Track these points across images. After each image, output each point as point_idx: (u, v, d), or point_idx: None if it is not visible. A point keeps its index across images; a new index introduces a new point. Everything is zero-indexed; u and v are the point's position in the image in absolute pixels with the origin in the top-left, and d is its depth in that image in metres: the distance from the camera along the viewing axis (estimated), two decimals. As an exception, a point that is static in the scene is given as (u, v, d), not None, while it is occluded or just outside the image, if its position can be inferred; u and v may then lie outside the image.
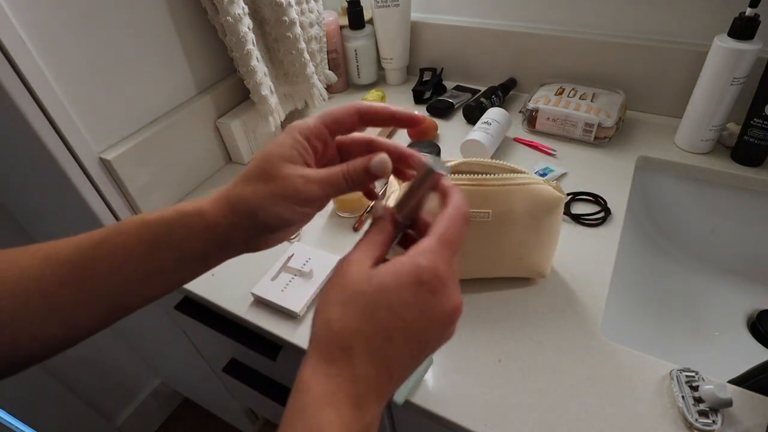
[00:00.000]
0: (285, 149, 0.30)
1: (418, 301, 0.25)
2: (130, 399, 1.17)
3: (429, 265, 0.25)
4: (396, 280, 0.25)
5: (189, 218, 0.29)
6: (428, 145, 0.69)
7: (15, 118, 0.50)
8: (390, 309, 0.25)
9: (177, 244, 0.30)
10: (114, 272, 0.29)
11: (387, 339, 0.25)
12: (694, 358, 0.55)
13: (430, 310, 0.25)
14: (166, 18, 0.61)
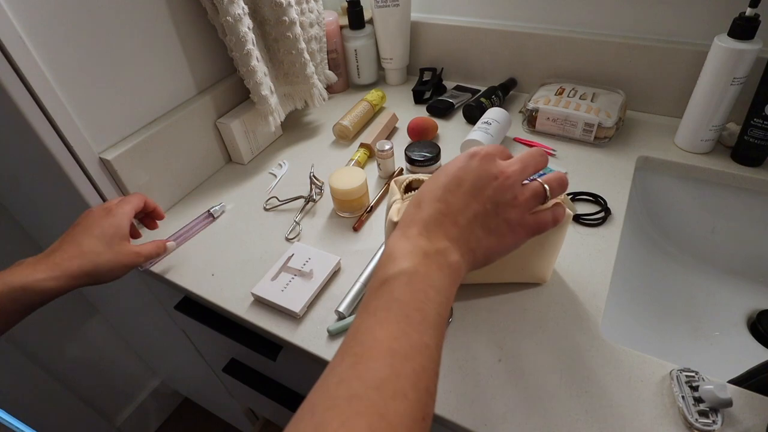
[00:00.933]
0: (121, 231, 0.49)
1: (468, 164, 0.35)
2: (130, 399, 1.17)
3: (479, 150, 0.36)
4: (453, 160, 0.37)
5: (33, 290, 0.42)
6: (428, 145, 0.69)
7: (15, 119, 0.50)
8: (445, 170, 0.36)
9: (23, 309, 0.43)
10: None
11: (447, 190, 0.35)
12: (694, 358, 0.55)
13: (480, 170, 0.35)
14: (166, 18, 0.61)
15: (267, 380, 0.70)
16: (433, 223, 0.33)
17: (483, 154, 0.36)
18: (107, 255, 0.46)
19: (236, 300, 0.53)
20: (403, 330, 0.27)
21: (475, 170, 0.35)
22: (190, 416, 1.27)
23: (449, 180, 0.35)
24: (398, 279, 0.30)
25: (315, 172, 0.67)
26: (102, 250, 0.46)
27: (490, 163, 0.35)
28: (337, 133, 0.79)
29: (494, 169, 0.35)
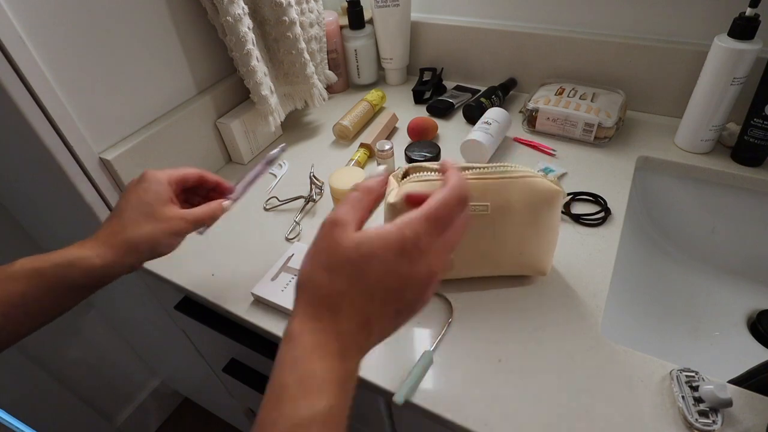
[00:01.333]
0: (162, 195, 0.42)
1: (399, 269, 0.28)
2: (130, 399, 1.17)
3: (412, 236, 0.28)
4: (383, 248, 0.28)
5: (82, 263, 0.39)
6: (428, 145, 0.69)
7: (15, 119, 0.50)
8: (374, 275, 0.28)
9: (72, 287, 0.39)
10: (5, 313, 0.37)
11: (369, 301, 0.28)
12: (694, 358, 0.55)
13: (409, 276, 0.28)
14: (166, 18, 0.61)
15: (267, 380, 0.70)
16: (350, 337, 0.28)
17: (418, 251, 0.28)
18: (148, 225, 0.40)
19: (236, 300, 0.53)
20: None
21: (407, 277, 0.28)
22: (190, 416, 1.27)
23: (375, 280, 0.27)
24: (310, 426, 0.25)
25: (315, 172, 0.67)
26: (142, 219, 0.40)
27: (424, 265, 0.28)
28: (337, 133, 0.79)
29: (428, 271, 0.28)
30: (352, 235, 0.28)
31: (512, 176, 0.45)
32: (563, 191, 0.45)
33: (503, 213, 0.45)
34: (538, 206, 0.45)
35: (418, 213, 0.28)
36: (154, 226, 0.41)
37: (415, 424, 0.52)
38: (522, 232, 0.47)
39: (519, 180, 0.45)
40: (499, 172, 0.45)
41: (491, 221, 0.46)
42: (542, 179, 0.45)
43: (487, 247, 0.47)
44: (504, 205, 0.45)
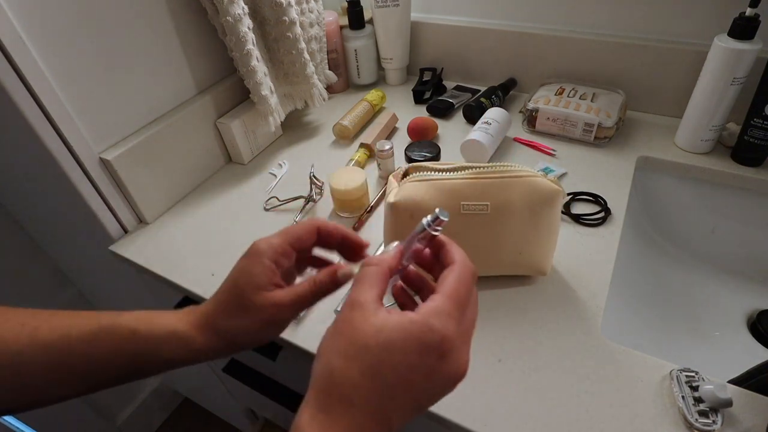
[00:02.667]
0: (255, 278, 0.33)
1: (424, 365, 0.25)
2: (130, 399, 1.17)
3: (440, 328, 0.25)
4: (404, 341, 0.25)
5: (179, 340, 0.33)
6: (428, 145, 0.69)
7: (15, 118, 0.50)
8: (394, 369, 0.25)
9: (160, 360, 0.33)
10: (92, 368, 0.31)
11: (389, 397, 0.25)
12: (694, 358, 0.55)
13: (437, 373, 0.25)
14: (166, 18, 0.61)
15: (267, 380, 0.70)
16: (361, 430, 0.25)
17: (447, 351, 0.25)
18: (239, 317, 0.33)
19: (236, 300, 0.53)
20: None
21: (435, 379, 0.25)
22: (190, 416, 1.27)
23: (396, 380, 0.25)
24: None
25: (315, 172, 0.67)
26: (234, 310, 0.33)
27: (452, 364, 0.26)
28: (337, 133, 0.79)
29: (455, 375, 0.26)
30: (372, 318, 0.25)
31: (512, 175, 0.45)
32: (563, 191, 0.45)
33: (503, 212, 0.45)
34: (538, 206, 0.45)
35: (441, 298, 0.26)
36: (247, 317, 0.33)
37: (415, 424, 0.52)
38: (522, 232, 0.47)
39: (519, 179, 0.45)
40: (498, 172, 0.45)
41: (491, 221, 0.46)
42: (542, 179, 0.45)
43: (487, 246, 0.47)
44: (504, 205, 0.45)
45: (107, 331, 0.31)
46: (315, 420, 0.25)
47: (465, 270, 0.27)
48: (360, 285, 0.28)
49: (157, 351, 0.32)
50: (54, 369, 0.30)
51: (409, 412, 0.26)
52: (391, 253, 0.30)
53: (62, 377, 0.31)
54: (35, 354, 0.30)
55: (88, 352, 0.31)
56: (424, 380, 0.25)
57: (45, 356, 0.30)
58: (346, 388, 0.25)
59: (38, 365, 0.30)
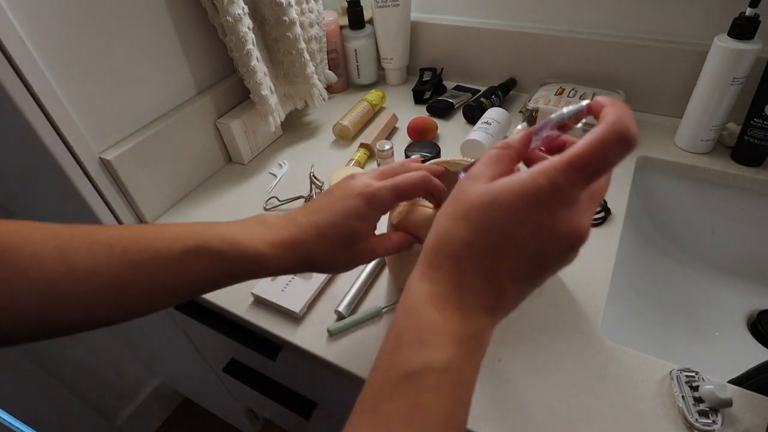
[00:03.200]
0: (367, 225, 0.36)
1: (532, 221, 0.24)
2: (130, 399, 1.17)
3: (547, 185, 0.23)
4: (510, 197, 0.24)
5: (267, 264, 0.34)
6: (428, 145, 0.69)
7: (15, 118, 0.50)
8: (501, 225, 0.24)
9: (244, 278, 0.34)
10: (179, 285, 0.32)
11: (498, 255, 0.24)
12: (694, 358, 0.55)
13: (547, 230, 0.24)
14: (166, 18, 0.61)
15: (267, 380, 0.70)
16: (474, 293, 0.25)
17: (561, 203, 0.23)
18: (338, 254, 0.35)
19: (236, 300, 0.53)
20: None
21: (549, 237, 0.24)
22: (190, 416, 1.27)
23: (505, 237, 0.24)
24: (426, 378, 0.23)
25: (315, 172, 0.67)
26: (337, 245, 0.35)
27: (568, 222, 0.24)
28: (337, 133, 0.79)
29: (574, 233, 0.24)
30: (482, 186, 0.25)
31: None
32: None
33: None
34: None
35: (559, 158, 0.23)
36: (347, 256, 0.36)
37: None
38: None
39: None
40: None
41: None
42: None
43: None
44: None
45: (194, 253, 0.32)
46: (425, 276, 0.25)
47: (604, 132, 0.22)
48: (481, 162, 0.27)
49: (243, 272, 0.34)
50: (148, 287, 0.31)
51: (524, 276, 0.25)
52: (519, 138, 0.28)
53: (154, 293, 0.32)
54: (129, 273, 0.31)
55: (176, 272, 0.32)
56: (533, 236, 0.24)
57: (139, 276, 0.31)
58: (455, 246, 0.25)
59: (133, 285, 0.31)
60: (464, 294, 0.25)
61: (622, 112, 0.23)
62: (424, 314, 0.24)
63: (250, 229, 0.34)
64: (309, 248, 0.34)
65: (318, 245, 0.35)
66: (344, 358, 0.46)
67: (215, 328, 0.58)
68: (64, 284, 0.29)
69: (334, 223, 0.35)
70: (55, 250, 0.29)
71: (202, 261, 0.32)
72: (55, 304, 0.29)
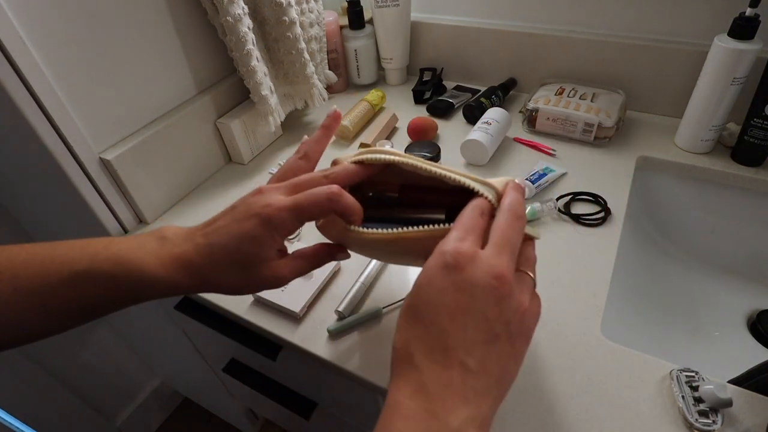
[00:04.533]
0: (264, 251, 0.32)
1: (450, 283, 0.25)
2: (130, 399, 1.17)
3: (450, 248, 0.25)
4: (426, 275, 0.26)
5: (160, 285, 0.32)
6: (428, 145, 0.68)
7: (15, 118, 0.50)
8: (428, 303, 0.25)
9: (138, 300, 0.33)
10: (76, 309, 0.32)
11: (440, 331, 0.24)
12: (694, 358, 0.55)
13: (466, 285, 0.25)
14: (166, 18, 0.61)
15: (267, 380, 0.70)
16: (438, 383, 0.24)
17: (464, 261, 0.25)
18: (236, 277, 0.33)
19: (236, 300, 0.53)
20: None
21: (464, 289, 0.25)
22: (190, 416, 1.27)
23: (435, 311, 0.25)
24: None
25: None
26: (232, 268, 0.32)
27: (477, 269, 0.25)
28: (337, 133, 0.79)
29: (486, 275, 0.25)
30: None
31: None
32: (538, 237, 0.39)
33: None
34: None
35: (453, 229, 0.27)
36: (243, 280, 0.33)
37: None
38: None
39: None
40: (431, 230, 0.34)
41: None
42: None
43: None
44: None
45: (83, 277, 0.31)
46: (395, 391, 0.25)
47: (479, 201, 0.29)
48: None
49: (137, 294, 0.32)
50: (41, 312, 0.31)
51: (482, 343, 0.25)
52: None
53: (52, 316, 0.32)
54: (22, 299, 0.30)
55: (69, 296, 0.31)
56: (460, 296, 0.24)
57: (31, 300, 0.31)
58: (403, 347, 0.25)
59: (27, 309, 0.31)
60: (429, 391, 0.23)
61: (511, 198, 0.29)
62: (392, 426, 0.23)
63: (145, 246, 0.33)
64: (201, 271, 0.32)
65: (210, 269, 0.32)
66: (344, 358, 0.46)
67: (215, 328, 0.58)
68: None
69: (225, 247, 0.32)
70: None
71: (93, 285, 0.31)
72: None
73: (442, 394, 0.23)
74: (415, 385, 0.24)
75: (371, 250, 0.37)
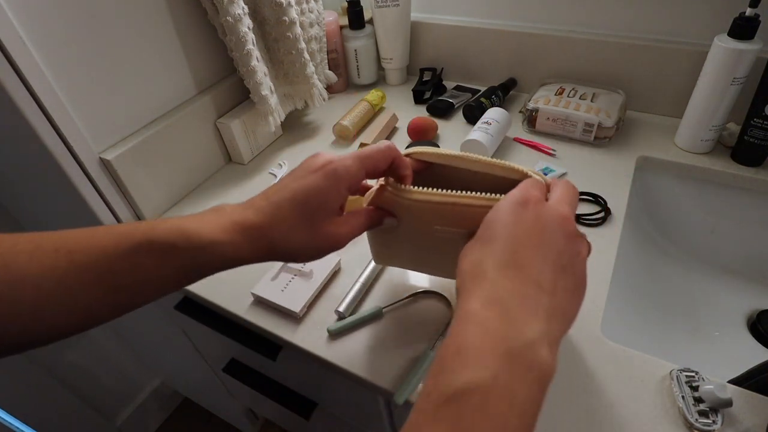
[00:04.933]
0: (330, 204, 0.34)
1: (522, 216, 0.29)
2: (130, 399, 1.17)
3: (519, 192, 0.30)
4: (498, 211, 0.30)
5: (222, 251, 0.32)
6: (428, 145, 0.68)
7: (15, 119, 0.50)
8: (503, 227, 0.28)
9: (202, 271, 0.32)
10: (134, 284, 0.30)
11: (515, 251, 0.27)
12: (694, 358, 0.55)
13: (539, 218, 0.29)
14: (165, 18, 0.61)
15: (267, 380, 0.70)
16: (513, 296, 0.25)
17: (535, 200, 0.29)
18: (302, 236, 0.33)
19: (236, 300, 0.53)
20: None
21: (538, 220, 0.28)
22: (190, 416, 1.27)
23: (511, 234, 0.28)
24: (469, 398, 0.22)
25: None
26: (299, 226, 0.33)
27: (548, 209, 0.29)
28: (337, 133, 0.79)
29: (556, 214, 0.29)
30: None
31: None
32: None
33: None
34: None
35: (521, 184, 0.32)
36: (310, 239, 0.33)
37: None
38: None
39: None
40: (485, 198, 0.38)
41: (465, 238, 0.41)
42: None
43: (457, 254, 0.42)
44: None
45: (146, 250, 0.30)
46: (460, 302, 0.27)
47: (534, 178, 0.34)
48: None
49: (199, 263, 0.32)
50: (98, 289, 0.29)
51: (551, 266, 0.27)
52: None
53: (107, 296, 0.30)
54: (78, 276, 0.29)
55: (127, 270, 0.30)
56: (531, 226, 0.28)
57: (88, 278, 0.29)
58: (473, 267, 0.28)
59: (82, 286, 0.29)
60: (504, 302, 0.25)
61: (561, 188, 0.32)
62: (463, 335, 0.24)
63: (204, 219, 0.32)
64: (266, 232, 0.32)
65: (276, 227, 0.32)
66: (344, 358, 0.46)
67: (215, 328, 0.58)
68: (9, 292, 0.27)
69: (292, 201, 0.32)
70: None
71: (153, 256, 0.30)
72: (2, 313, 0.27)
73: (517, 306, 0.25)
74: (490, 295, 0.25)
75: (418, 218, 0.38)
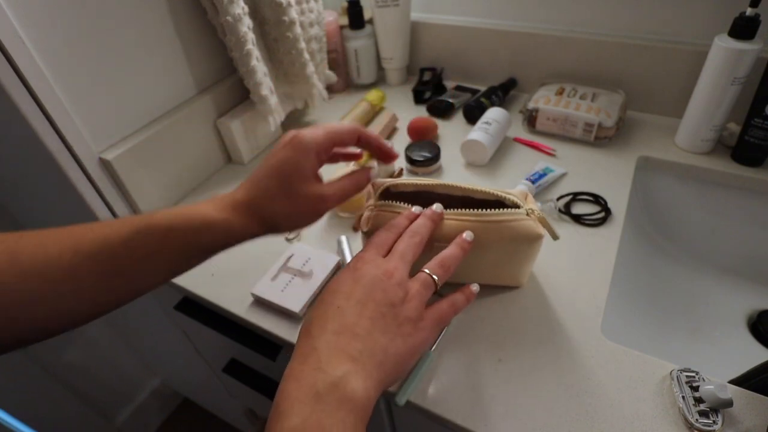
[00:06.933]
0: (303, 170, 0.37)
1: (349, 276, 0.34)
2: (130, 399, 1.17)
3: (354, 259, 0.36)
4: (335, 279, 0.35)
5: (216, 227, 0.35)
6: (428, 145, 0.69)
7: (15, 119, 0.50)
8: (330, 291, 0.34)
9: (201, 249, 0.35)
10: (136, 267, 0.33)
11: (336, 308, 0.32)
12: (694, 358, 0.55)
13: (360, 276, 0.34)
14: (165, 18, 0.61)
15: (267, 380, 0.70)
16: (328, 347, 0.30)
17: (363, 261, 0.35)
18: (284, 202, 0.36)
19: (236, 300, 0.53)
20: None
21: (358, 280, 0.34)
22: (190, 416, 1.27)
23: (334, 296, 0.33)
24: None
25: (315, 172, 0.67)
26: (278, 194, 0.36)
27: (371, 267, 0.34)
28: (337, 133, 0.79)
29: (377, 270, 0.34)
30: None
31: (493, 220, 0.42)
32: (544, 234, 0.43)
33: (478, 248, 0.42)
34: (517, 245, 0.44)
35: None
36: (291, 204, 0.37)
37: (415, 424, 0.52)
38: (495, 262, 0.46)
39: (501, 224, 0.42)
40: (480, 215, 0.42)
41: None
42: (526, 222, 0.42)
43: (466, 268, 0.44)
44: (480, 245, 0.42)
45: (144, 233, 0.32)
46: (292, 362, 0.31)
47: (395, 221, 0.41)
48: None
49: (197, 242, 0.35)
50: (102, 275, 0.31)
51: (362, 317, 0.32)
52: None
53: (111, 282, 0.32)
54: (83, 264, 0.31)
55: (130, 254, 0.32)
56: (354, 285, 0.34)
57: (93, 265, 0.31)
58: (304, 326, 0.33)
59: (88, 274, 0.31)
60: (323, 353, 0.29)
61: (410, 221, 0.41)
62: (286, 389, 0.28)
63: (199, 204, 0.36)
64: (252, 205, 0.36)
65: (259, 199, 0.36)
66: (344, 358, 0.46)
67: (215, 328, 0.58)
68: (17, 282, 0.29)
69: (269, 174, 0.37)
70: (4, 253, 0.29)
71: (152, 238, 0.33)
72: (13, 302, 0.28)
73: (331, 354, 0.29)
74: (308, 350, 0.30)
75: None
